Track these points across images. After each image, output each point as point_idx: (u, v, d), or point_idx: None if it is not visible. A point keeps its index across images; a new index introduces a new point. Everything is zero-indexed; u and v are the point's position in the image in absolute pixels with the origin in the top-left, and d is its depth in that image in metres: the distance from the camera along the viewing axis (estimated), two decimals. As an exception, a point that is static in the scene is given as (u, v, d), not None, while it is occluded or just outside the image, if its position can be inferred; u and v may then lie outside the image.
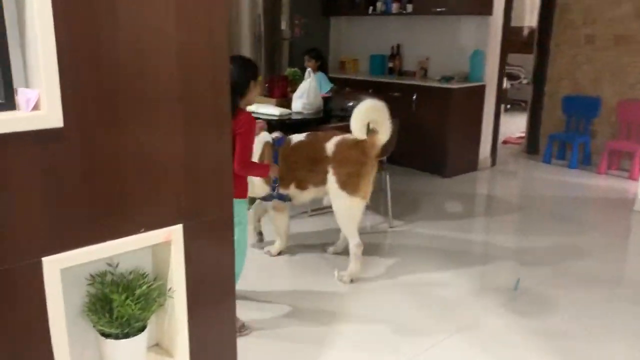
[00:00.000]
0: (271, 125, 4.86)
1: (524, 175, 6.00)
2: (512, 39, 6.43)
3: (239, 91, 2.55)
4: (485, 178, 5.81)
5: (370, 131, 3.37)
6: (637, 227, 4.43)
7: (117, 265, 1.52)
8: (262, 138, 3.33)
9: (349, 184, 3.26)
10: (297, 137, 3.41)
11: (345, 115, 4.60)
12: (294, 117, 4.28)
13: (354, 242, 3.34)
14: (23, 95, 1.27)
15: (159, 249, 1.54)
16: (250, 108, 4.33)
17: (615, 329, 2.86)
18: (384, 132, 3.31)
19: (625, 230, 4.38)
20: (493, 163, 6.15)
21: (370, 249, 3.80)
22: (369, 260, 3.60)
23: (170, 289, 1.55)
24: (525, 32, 10.29)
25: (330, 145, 3.33)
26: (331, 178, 3.30)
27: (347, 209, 3.31)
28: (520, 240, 4.10)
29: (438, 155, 5.65)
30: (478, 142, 5.89)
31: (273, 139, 3.34)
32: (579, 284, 3.33)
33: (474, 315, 2.94)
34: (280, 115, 4.20)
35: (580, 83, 6.27)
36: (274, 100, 4.53)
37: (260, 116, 4.23)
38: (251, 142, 2.61)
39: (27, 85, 1.33)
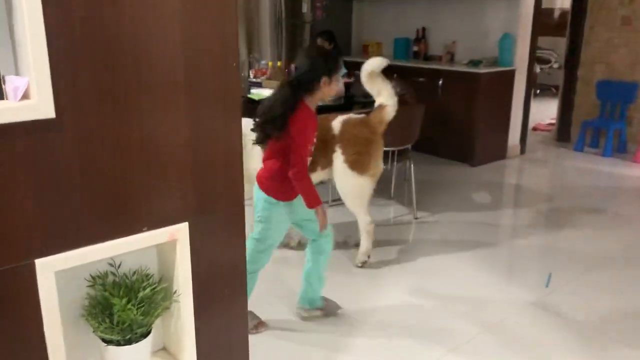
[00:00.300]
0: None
1: (555, 164, 5.76)
2: (543, 21, 6.15)
3: (305, 86, 2.34)
4: (515, 167, 5.59)
5: (377, 107, 3.27)
6: (677, 220, 4.19)
7: (119, 266, 1.41)
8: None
9: (358, 163, 3.16)
10: None
11: (367, 102, 4.45)
12: (315, 103, 4.13)
13: (365, 221, 3.26)
14: (11, 84, 1.16)
15: (165, 248, 1.42)
16: (266, 94, 4.22)
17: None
18: (390, 103, 3.23)
19: (664, 223, 4.14)
20: (522, 151, 5.92)
21: (394, 242, 3.66)
22: (392, 254, 3.46)
23: (175, 291, 1.43)
24: (557, 14, 9.92)
25: (336, 124, 3.22)
26: (339, 158, 3.19)
27: (358, 189, 3.22)
28: (551, 233, 3.90)
29: (465, 143, 5.45)
30: (507, 130, 5.66)
31: None
32: (613, 282, 3.15)
33: (502, 314, 2.79)
34: (300, 102, 4.05)
35: (616, 67, 5.97)
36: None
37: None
38: (301, 145, 2.31)
39: (17, 73, 1.22)
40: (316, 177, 3.26)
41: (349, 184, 3.22)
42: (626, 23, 5.84)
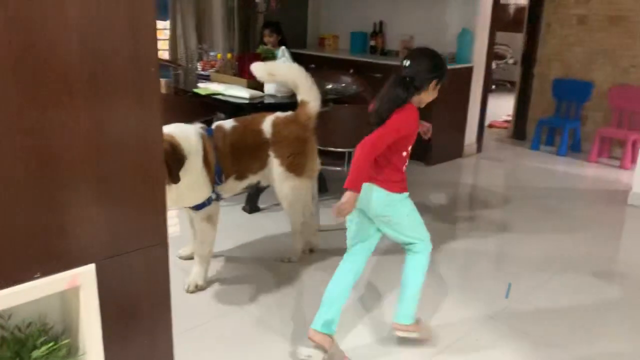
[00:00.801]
0: (241, 109, 4.48)
1: (511, 163, 5.70)
2: (499, 17, 6.06)
3: (416, 85, 2.25)
4: (471, 166, 5.50)
5: (300, 103, 3.14)
6: (632, 223, 4.17)
7: (9, 318, 1.14)
8: (194, 129, 2.79)
9: (294, 165, 3.03)
10: (228, 124, 2.99)
11: (324, 99, 4.23)
12: (267, 100, 3.88)
13: (298, 222, 3.20)
14: None
15: (68, 294, 1.16)
16: (218, 89, 3.95)
17: (612, 332, 2.59)
18: (310, 98, 3.12)
19: (619, 227, 4.11)
20: (479, 149, 5.84)
21: (340, 250, 3.46)
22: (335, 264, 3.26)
23: (79, 350, 1.17)
24: (512, 9, 9.94)
25: (267, 127, 3.02)
26: (274, 161, 3.02)
27: (296, 191, 3.10)
28: (508, 238, 3.80)
29: (421, 141, 5.28)
30: (464, 128, 5.56)
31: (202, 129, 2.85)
32: (575, 289, 3.05)
33: (461, 332, 2.63)
34: (251, 98, 3.79)
35: (572, 65, 5.96)
36: (244, 81, 4.11)
37: (229, 99, 3.84)
38: (388, 132, 2.21)
39: None
40: (243, 184, 3.08)
41: (288, 186, 3.07)
42: (582, 22, 5.82)
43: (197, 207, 2.82)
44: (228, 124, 3.00)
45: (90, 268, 1.11)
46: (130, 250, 1.16)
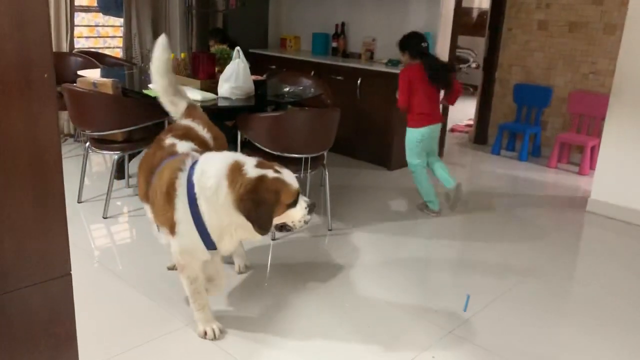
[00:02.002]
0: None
1: (473, 169, 5.67)
2: (462, 21, 6.04)
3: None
4: (433, 171, 5.42)
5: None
6: (590, 230, 4.15)
7: None
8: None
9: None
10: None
11: (281, 102, 4.09)
12: (221, 103, 3.71)
13: None
14: None
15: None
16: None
17: (574, 342, 2.53)
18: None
19: (578, 234, 4.09)
20: (440, 154, 5.77)
21: (308, 257, 3.33)
22: (304, 273, 3.13)
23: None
24: (475, 13, 9.99)
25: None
26: None
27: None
28: (467, 248, 3.72)
29: (383, 146, 5.22)
30: (426, 132, 5.47)
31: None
32: (536, 301, 2.98)
33: (417, 349, 2.52)
34: (203, 101, 3.61)
35: (532, 71, 5.97)
36: (198, 82, 3.93)
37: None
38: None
39: None
40: None
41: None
42: (542, 27, 5.83)
43: None
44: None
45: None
46: (23, 286, 0.98)
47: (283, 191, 2.21)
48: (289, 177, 2.26)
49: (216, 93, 3.78)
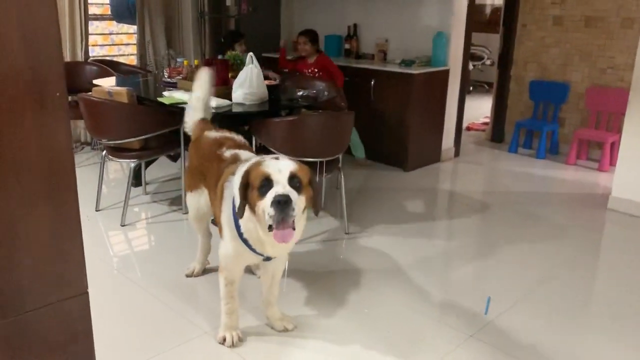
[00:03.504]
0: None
1: (490, 167, 5.61)
2: (475, 18, 5.98)
3: None
4: (449, 171, 5.38)
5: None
6: (612, 228, 4.08)
7: None
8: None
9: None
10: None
11: (295, 106, 4.08)
12: (235, 109, 3.71)
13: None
14: None
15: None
16: (183, 98, 3.77)
17: (599, 347, 2.47)
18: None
19: (599, 232, 4.02)
20: (457, 153, 5.73)
21: (325, 261, 3.31)
22: (321, 278, 3.11)
23: None
24: (489, 10, 9.89)
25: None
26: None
27: None
28: (487, 247, 3.67)
29: (399, 146, 5.18)
30: (441, 132, 5.45)
31: None
32: (558, 303, 2.93)
33: (439, 353, 2.49)
34: (217, 107, 3.62)
35: (548, 67, 5.89)
36: (212, 89, 3.93)
37: (195, 108, 3.65)
38: None
39: None
40: None
41: None
42: (557, 23, 5.75)
43: None
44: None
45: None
46: (40, 306, 0.98)
47: (252, 171, 2.12)
48: (272, 161, 2.13)
49: (230, 99, 3.78)
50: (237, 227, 2.27)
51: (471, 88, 9.35)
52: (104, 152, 3.90)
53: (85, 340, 1.06)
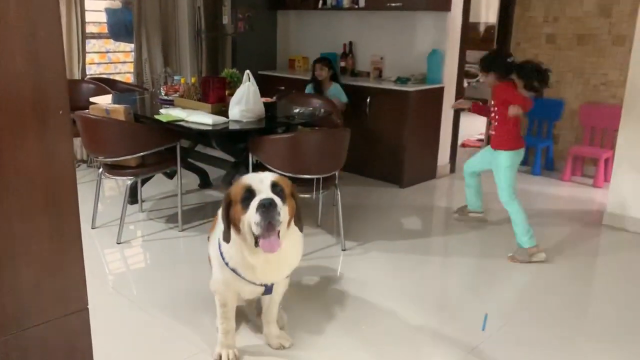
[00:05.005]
0: (205, 136, 4.32)
1: (485, 184, 5.59)
2: (470, 36, 6.04)
3: None
4: (444, 187, 5.40)
5: None
6: (608, 244, 4.09)
7: None
8: None
9: None
10: None
11: (291, 123, 4.10)
12: (232, 126, 3.72)
13: None
14: None
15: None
16: (180, 115, 3.79)
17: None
18: None
19: (595, 249, 4.03)
20: (452, 170, 5.76)
21: (322, 278, 3.31)
22: (318, 294, 3.10)
23: None
24: (482, 28, 10.01)
25: None
26: None
27: None
28: (482, 265, 3.68)
29: (394, 163, 5.21)
30: (436, 149, 5.48)
31: None
32: (556, 320, 2.93)
33: (438, 369, 2.49)
34: (214, 125, 3.64)
35: (542, 84, 5.94)
36: (209, 106, 3.96)
37: (192, 125, 3.67)
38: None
39: None
40: None
41: None
42: (550, 41, 5.82)
43: None
44: None
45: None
46: (40, 323, 0.98)
47: (233, 188, 2.14)
48: (253, 174, 2.17)
49: (227, 116, 3.80)
50: (222, 256, 2.29)
51: (466, 105, 9.41)
52: (101, 169, 3.90)
53: (85, 356, 1.06)
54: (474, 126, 7.65)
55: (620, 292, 3.29)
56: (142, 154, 3.71)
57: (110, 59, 6.72)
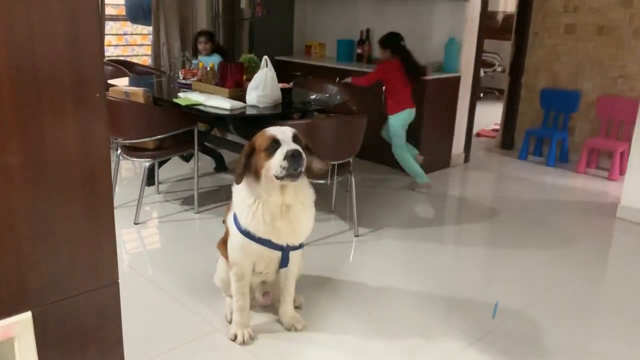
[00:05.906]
0: (222, 120, 4.37)
1: (499, 174, 5.63)
2: (487, 25, 6.01)
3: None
4: (458, 176, 5.42)
5: None
6: (620, 237, 4.09)
7: None
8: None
9: None
10: None
11: (308, 110, 4.12)
12: (249, 111, 3.76)
13: None
14: None
15: (1, 346, 1.04)
16: (199, 99, 3.84)
17: (606, 355, 2.50)
18: None
19: (607, 241, 4.04)
20: (466, 159, 5.76)
21: (335, 263, 3.36)
22: (331, 279, 3.16)
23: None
24: (500, 17, 9.92)
25: None
26: None
27: None
28: (494, 254, 3.71)
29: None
30: (451, 138, 5.48)
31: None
32: (566, 310, 2.96)
33: (446, 354, 2.53)
34: (231, 109, 3.68)
35: (559, 75, 5.91)
36: (226, 91, 4.00)
37: (210, 110, 3.72)
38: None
39: None
40: None
41: None
42: (569, 31, 5.77)
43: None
44: None
45: (26, 316, 1.00)
46: (75, 294, 1.04)
47: (257, 138, 2.32)
48: (271, 128, 2.34)
49: (244, 101, 3.83)
50: (237, 223, 2.39)
51: (482, 94, 9.37)
52: (119, 151, 3.97)
53: (115, 328, 1.12)
54: (490, 116, 7.62)
55: (631, 283, 3.31)
56: (160, 136, 3.77)
57: (128, 41, 6.77)
